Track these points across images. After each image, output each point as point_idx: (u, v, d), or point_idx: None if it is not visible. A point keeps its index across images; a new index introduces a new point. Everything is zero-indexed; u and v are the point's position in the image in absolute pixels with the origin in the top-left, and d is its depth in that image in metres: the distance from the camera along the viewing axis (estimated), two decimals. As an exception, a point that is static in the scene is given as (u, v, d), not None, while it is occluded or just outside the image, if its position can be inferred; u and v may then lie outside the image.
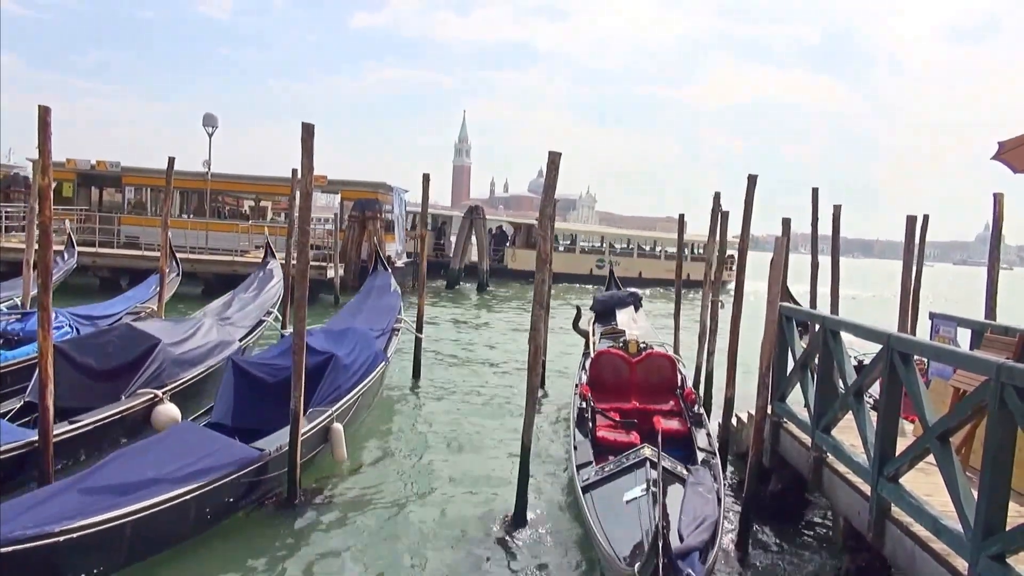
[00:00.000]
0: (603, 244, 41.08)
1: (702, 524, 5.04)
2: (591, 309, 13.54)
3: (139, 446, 6.26)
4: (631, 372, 8.66)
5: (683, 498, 5.51)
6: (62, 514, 4.75)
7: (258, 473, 6.33)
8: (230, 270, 21.97)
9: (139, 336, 8.47)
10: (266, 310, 12.76)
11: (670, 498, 5.50)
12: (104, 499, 5.06)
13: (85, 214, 25.76)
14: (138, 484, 5.36)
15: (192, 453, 5.99)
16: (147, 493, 5.29)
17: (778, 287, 6.44)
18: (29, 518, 4.63)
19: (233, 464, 6.07)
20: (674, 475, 5.88)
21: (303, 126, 7.07)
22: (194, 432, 6.60)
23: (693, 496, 5.52)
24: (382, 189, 27.13)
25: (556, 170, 6.52)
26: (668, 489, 5.64)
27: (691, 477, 5.90)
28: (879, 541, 4.66)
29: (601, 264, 37.33)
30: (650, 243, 42.80)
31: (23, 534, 4.41)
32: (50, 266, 6.40)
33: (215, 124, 27.12)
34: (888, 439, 4.62)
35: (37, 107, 6.42)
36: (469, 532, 6.44)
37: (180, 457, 5.87)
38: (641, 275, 36.64)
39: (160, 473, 5.57)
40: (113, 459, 5.70)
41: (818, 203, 11.03)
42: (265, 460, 6.38)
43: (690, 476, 5.92)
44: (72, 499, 5.01)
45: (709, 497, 5.55)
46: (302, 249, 7.18)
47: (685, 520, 5.15)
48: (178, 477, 5.59)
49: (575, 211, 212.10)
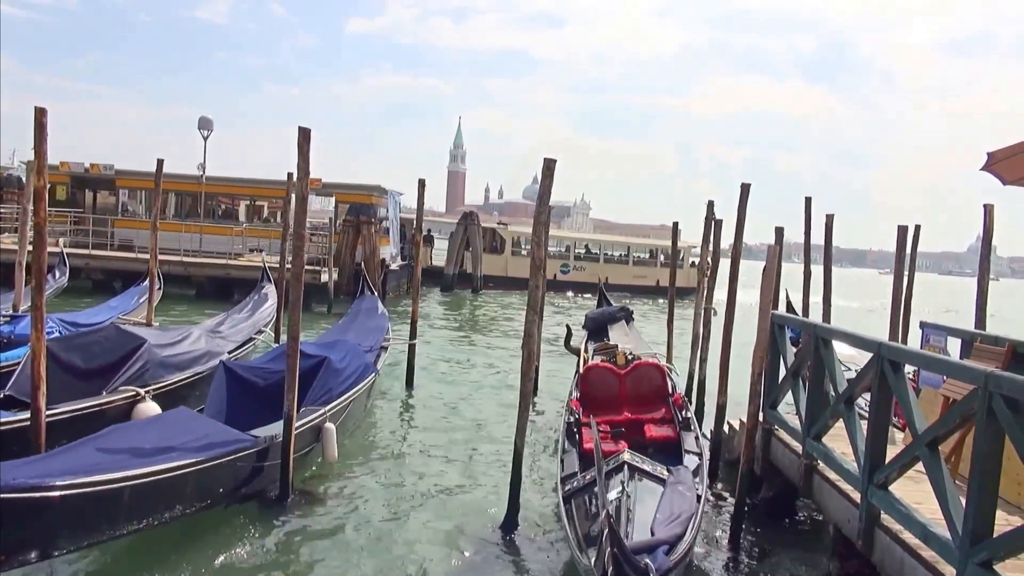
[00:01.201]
0: (566, 249, 38.14)
1: (676, 520, 5.14)
2: (583, 327, 13.56)
3: (137, 422, 6.29)
4: (620, 384, 8.71)
5: (660, 497, 5.62)
6: (63, 470, 4.71)
7: (256, 459, 6.33)
8: (223, 273, 21.94)
9: (125, 336, 8.49)
10: (258, 328, 12.73)
11: (648, 498, 5.65)
12: (103, 463, 5.03)
13: (79, 217, 25.68)
14: (139, 452, 5.34)
15: (191, 432, 6.00)
16: (148, 461, 5.27)
17: (770, 295, 6.49)
18: (30, 470, 4.61)
19: (231, 446, 6.07)
20: (653, 476, 6.00)
21: (300, 130, 7.09)
22: (192, 416, 6.62)
23: (672, 494, 5.63)
24: (377, 192, 27.11)
25: (551, 176, 6.55)
26: (647, 489, 5.79)
27: (671, 477, 5.99)
28: (869, 548, 4.69)
29: (565, 269, 35.58)
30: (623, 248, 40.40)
31: (24, 483, 4.38)
32: (44, 267, 6.43)
33: (210, 127, 27.09)
34: (878, 446, 4.66)
35: (34, 109, 6.44)
36: (459, 536, 6.45)
37: (180, 435, 5.89)
38: (607, 281, 34.39)
39: (160, 445, 5.57)
40: (112, 431, 5.69)
41: (811, 212, 11.11)
42: (261, 447, 6.38)
43: (671, 476, 6.01)
44: (72, 459, 4.99)
45: (688, 495, 5.64)
46: (297, 252, 7.20)
47: (660, 517, 5.25)
48: (179, 450, 5.58)
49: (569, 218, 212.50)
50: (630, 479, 5.89)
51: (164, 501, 5.48)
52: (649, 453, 7.12)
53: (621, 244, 41.75)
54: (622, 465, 6.05)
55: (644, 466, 6.13)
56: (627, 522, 5.27)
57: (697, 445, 7.29)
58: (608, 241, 43.28)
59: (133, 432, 5.83)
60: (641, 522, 5.30)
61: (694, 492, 5.76)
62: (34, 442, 6.04)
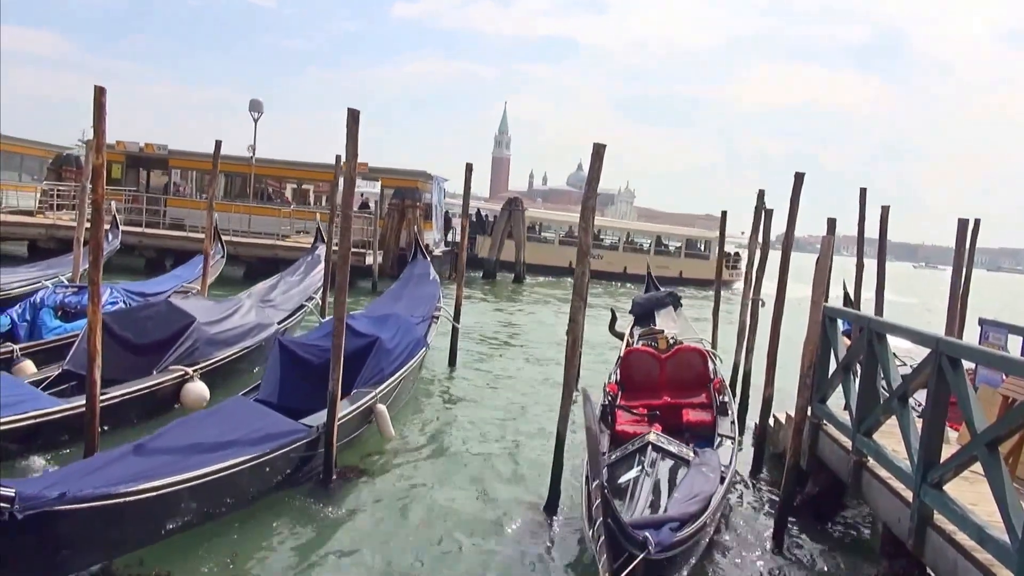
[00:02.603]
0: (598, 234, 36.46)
1: (692, 499, 5.06)
2: (630, 312, 13.48)
3: (196, 416, 6.49)
4: (661, 368, 8.62)
5: (683, 477, 5.59)
6: (124, 477, 4.88)
7: (308, 448, 6.47)
8: (271, 254, 22.31)
9: (176, 313, 8.66)
10: (308, 295, 12.95)
11: (668, 478, 5.65)
12: (164, 465, 5.19)
13: (132, 195, 26.32)
14: (196, 452, 5.50)
15: (246, 426, 6.16)
16: (205, 460, 5.42)
17: (823, 287, 6.34)
18: (95, 479, 4.77)
19: (285, 437, 6.22)
20: (678, 457, 5.99)
21: (349, 112, 7.11)
22: (248, 406, 6.79)
23: (694, 475, 5.58)
24: (422, 178, 27.27)
25: (600, 162, 6.48)
26: (669, 470, 5.79)
27: (696, 459, 5.95)
28: (919, 548, 4.57)
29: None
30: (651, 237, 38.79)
31: (91, 493, 4.53)
32: (102, 243, 6.56)
33: (261, 110, 27.54)
34: (933, 445, 4.52)
35: (93, 88, 6.56)
36: (501, 517, 6.50)
37: (235, 429, 6.03)
38: (626, 271, 33.88)
39: (217, 442, 5.73)
40: (171, 428, 5.88)
41: (865, 203, 10.82)
42: (314, 436, 6.51)
43: (696, 458, 5.97)
44: (133, 464, 5.15)
45: (711, 476, 5.58)
46: (344, 234, 7.25)
47: (677, 496, 5.20)
48: (234, 447, 5.74)
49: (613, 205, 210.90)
50: (654, 460, 5.88)
51: (225, 497, 5.66)
52: (685, 438, 7.06)
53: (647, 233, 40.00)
54: (647, 445, 6.05)
55: (669, 447, 6.11)
56: (638, 499, 5.27)
57: (731, 430, 7.23)
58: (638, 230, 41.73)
59: (192, 428, 5.99)
60: (656, 500, 5.28)
61: (718, 474, 5.68)
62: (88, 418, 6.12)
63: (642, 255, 35.40)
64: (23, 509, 4.07)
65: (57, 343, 8.64)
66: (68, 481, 4.62)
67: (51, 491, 4.30)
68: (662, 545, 4.16)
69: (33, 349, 8.47)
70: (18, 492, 4.08)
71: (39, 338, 8.88)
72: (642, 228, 44.66)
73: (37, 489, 4.29)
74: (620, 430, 7.18)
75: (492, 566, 5.70)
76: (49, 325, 9.07)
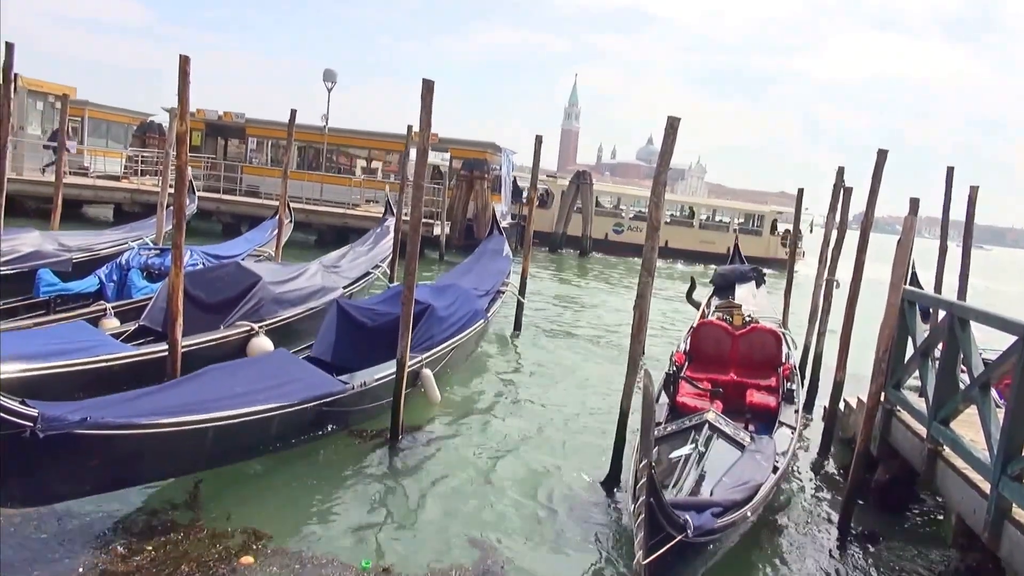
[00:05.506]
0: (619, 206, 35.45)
1: (741, 486, 4.99)
2: (711, 282, 13.30)
3: (232, 364, 6.70)
4: (733, 345, 8.46)
5: (735, 462, 5.51)
6: (149, 411, 5.07)
7: (339, 404, 6.65)
8: (341, 222, 22.74)
9: (244, 273, 9.01)
10: (375, 263, 13.20)
11: (721, 461, 5.57)
12: (190, 404, 5.37)
13: (211, 162, 27.14)
14: (225, 395, 5.68)
15: (280, 376, 6.36)
16: (231, 403, 5.59)
17: (903, 269, 6.11)
18: (121, 409, 4.98)
19: (316, 391, 6.39)
20: (733, 440, 5.91)
21: (423, 82, 7.17)
22: (286, 358, 7.01)
23: (747, 461, 5.51)
24: (491, 149, 27.27)
25: (675, 135, 6.36)
26: (723, 452, 5.71)
27: (752, 445, 5.86)
28: (995, 542, 4.43)
29: (619, 229, 32.87)
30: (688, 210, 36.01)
31: (112, 421, 4.72)
32: (184, 207, 6.84)
33: (334, 80, 27.86)
34: (1016, 436, 4.35)
35: (178, 57, 6.78)
36: (562, 489, 6.56)
37: (268, 378, 6.23)
38: (667, 244, 29.14)
39: (247, 389, 5.90)
40: (205, 372, 6.08)
41: (952, 183, 10.35)
42: (347, 393, 6.70)
43: (751, 444, 5.88)
44: (161, 400, 5.36)
45: (763, 465, 5.49)
46: (416, 204, 7.34)
47: (726, 481, 5.14)
48: (263, 395, 5.89)
49: (684, 181, 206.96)
50: (708, 439, 5.82)
51: (246, 442, 5.84)
52: (747, 419, 6.93)
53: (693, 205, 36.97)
54: (704, 424, 5.98)
55: (726, 429, 6.03)
56: (686, 477, 5.23)
57: (795, 419, 7.05)
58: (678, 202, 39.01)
59: (226, 374, 6.17)
60: (704, 481, 5.23)
61: (771, 464, 5.58)
62: (169, 371, 6.52)
63: (686, 228, 33.54)
64: (45, 429, 4.22)
65: (144, 303, 9.04)
66: (95, 408, 4.78)
67: (74, 415, 4.46)
68: (701, 530, 4.14)
69: (123, 308, 8.88)
70: (41, 413, 4.23)
71: (127, 297, 9.32)
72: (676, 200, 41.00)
73: (61, 412, 4.44)
74: (681, 402, 7.13)
75: (546, 531, 5.78)
76: (138, 285, 9.51)
